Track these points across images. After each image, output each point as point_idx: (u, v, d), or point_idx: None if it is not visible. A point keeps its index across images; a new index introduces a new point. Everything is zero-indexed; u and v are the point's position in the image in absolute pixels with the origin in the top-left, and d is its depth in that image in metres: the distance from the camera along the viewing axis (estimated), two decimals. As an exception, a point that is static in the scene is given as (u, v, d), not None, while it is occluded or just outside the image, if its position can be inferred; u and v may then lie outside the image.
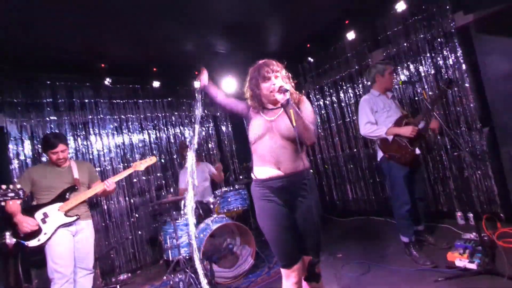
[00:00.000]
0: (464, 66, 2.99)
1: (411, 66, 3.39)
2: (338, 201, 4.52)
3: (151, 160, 2.77)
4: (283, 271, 1.51)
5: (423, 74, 3.30)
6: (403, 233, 2.56)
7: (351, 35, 3.74)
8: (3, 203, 2.01)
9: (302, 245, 1.54)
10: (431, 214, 3.08)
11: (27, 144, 3.31)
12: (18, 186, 2.03)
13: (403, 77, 3.46)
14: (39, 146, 2.45)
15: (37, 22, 2.63)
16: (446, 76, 3.09)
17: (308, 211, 1.51)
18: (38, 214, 2.28)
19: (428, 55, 3.24)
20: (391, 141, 2.51)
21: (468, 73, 2.99)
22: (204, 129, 4.87)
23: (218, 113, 5.08)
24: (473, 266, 2.10)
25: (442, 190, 3.32)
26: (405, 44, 3.39)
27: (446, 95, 3.00)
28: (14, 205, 2.24)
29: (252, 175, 1.61)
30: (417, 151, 2.58)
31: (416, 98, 3.38)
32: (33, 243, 2.22)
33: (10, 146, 3.20)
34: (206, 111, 4.94)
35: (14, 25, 2.62)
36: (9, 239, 2.52)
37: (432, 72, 3.22)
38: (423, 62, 3.28)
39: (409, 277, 2.24)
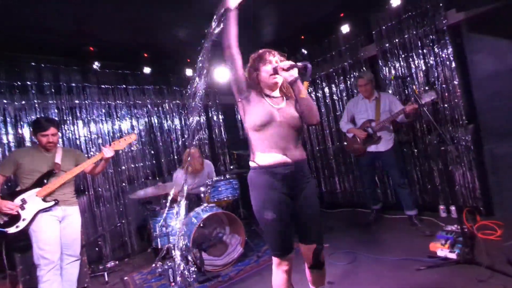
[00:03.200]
0: (453, 64, 3.06)
1: (403, 62, 3.44)
2: (326, 193, 4.61)
3: (130, 138, 2.67)
4: (275, 259, 1.52)
5: (414, 69, 3.35)
6: (368, 205, 3.52)
7: (345, 29, 3.75)
8: None
9: (306, 233, 1.55)
10: (418, 206, 3.19)
11: (10, 127, 3.19)
12: None
13: (394, 72, 3.51)
14: (30, 128, 2.37)
15: (22, 1, 2.50)
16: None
17: (310, 198, 1.54)
18: (17, 200, 2.24)
19: (420, 51, 3.29)
20: (351, 138, 3.33)
21: (457, 71, 3.06)
22: (195, 118, 4.81)
23: (210, 102, 5.03)
24: (453, 256, 2.20)
25: (427, 184, 3.43)
26: (397, 39, 3.43)
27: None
28: None
29: (253, 163, 1.54)
30: (372, 148, 3.16)
31: (407, 92, 3.45)
32: (12, 229, 2.19)
33: (-7, 129, 3.08)
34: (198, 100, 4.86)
35: (-3, 2, 2.48)
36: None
37: (423, 68, 3.28)
38: (414, 58, 3.34)
39: (393, 265, 2.32)
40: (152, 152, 4.27)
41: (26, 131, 3.25)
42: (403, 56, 3.43)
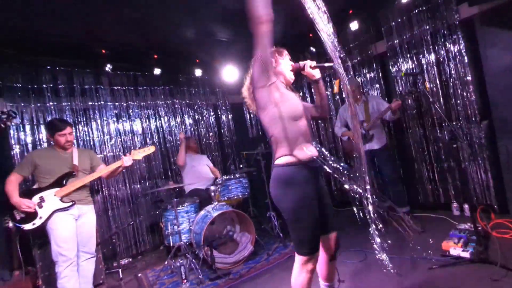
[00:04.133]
0: (466, 59, 3.00)
1: (414, 58, 3.39)
2: (336, 191, 4.59)
3: (149, 150, 2.78)
4: (302, 258, 1.45)
5: (425, 66, 3.30)
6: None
7: (354, 26, 3.71)
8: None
9: (328, 222, 1.56)
10: (429, 205, 3.16)
11: (28, 129, 3.31)
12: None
13: (405, 69, 3.46)
14: (46, 130, 2.46)
15: (37, 6, 2.58)
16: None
17: (324, 189, 1.60)
18: (35, 198, 2.32)
19: (431, 47, 3.23)
20: (346, 140, 3.50)
21: (470, 66, 2.99)
22: (204, 118, 4.86)
23: (219, 102, 5.07)
24: (466, 254, 2.17)
25: (440, 182, 3.38)
26: (408, 35, 3.38)
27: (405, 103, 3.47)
28: (10, 187, 2.28)
29: (289, 157, 1.43)
30: (367, 147, 3.29)
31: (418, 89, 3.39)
32: (28, 226, 2.27)
33: (11, 131, 3.19)
34: (206, 100, 4.92)
35: (15, 9, 2.57)
36: (12, 224, 2.56)
37: (434, 64, 3.23)
38: (425, 54, 3.28)
39: (404, 264, 2.31)
40: (163, 151, 4.34)
41: (42, 133, 3.37)
42: (413, 52, 3.37)
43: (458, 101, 3.10)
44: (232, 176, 3.44)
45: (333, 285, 1.70)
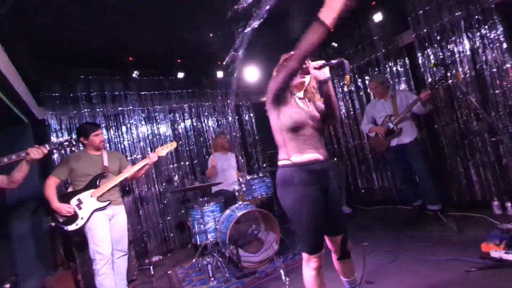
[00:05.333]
0: (505, 45, 2.76)
1: (444, 47, 3.18)
2: (363, 189, 4.44)
3: (171, 146, 2.89)
4: (306, 256, 1.55)
5: (457, 55, 3.09)
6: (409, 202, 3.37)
7: (378, 17, 3.57)
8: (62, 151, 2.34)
9: (334, 225, 1.61)
10: (464, 203, 2.96)
11: (66, 135, 3.56)
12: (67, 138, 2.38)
13: (434, 59, 3.27)
14: (80, 134, 2.65)
15: (70, 22, 2.78)
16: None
17: (335, 192, 1.61)
18: (73, 201, 2.46)
19: (463, 34, 3.02)
20: (374, 136, 3.37)
21: (509, 53, 2.76)
22: (227, 119, 4.94)
23: (241, 102, 5.12)
24: (509, 257, 2.00)
25: (477, 178, 3.15)
26: (437, 23, 3.18)
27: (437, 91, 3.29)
28: (49, 193, 2.44)
29: (287, 160, 1.54)
30: (395, 141, 3.16)
31: (449, 81, 3.19)
32: (71, 227, 2.42)
33: (52, 137, 3.46)
34: (229, 101, 4.99)
35: (51, 25, 2.78)
36: (54, 224, 2.78)
37: (468, 53, 3.01)
38: (457, 42, 3.07)
39: (438, 266, 2.18)
40: (189, 152, 4.47)
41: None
42: (444, 41, 3.17)
43: (497, 91, 2.87)
44: (255, 176, 3.45)
45: (354, 280, 1.73)
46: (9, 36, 2.37)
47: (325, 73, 1.55)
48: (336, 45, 4.29)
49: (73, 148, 2.62)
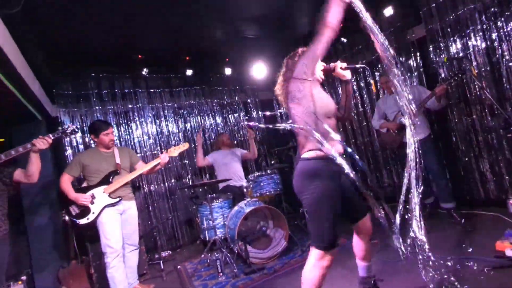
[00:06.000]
0: (523, 38, 2.67)
1: (458, 41, 3.09)
2: (373, 187, 4.38)
3: (184, 146, 2.94)
4: (318, 253, 1.47)
5: (471, 49, 3.00)
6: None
7: (388, 11, 3.49)
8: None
9: (360, 209, 1.66)
10: (478, 201, 2.88)
11: (79, 132, 3.64)
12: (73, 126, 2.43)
13: (447, 54, 3.18)
14: (91, 132, 2.72)
15: (81, 22, 2.84)
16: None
17: (347, 182, 1.61)
18: (87, 195, 2.54)
19: (478, 27, 2.92)
20: (386, 132, 3.30)
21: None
22: (234, 116, 4.94)
23: (249, 99, 5.11)
24: (525, 256, 1.94)
25: (491, 176, 3.06)
26: (451, 17, 3.09)
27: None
28: (65, 186, 2.53)
29: (313, 152, 1.49)
30: (406, 138, 2.86)
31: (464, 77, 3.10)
32: (83, 221, 2.50)
33: (64, 134, 3.54)
34: (237, 98, 5.00)
35: (62, 26, 2.84)
36: (68, 218, 2.86)
37: (483, 46, 2.92)
38: (471, 35, 2.98)
39: (452, 265, 2.13)
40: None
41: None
42: (457, 35, 3.08)
43: (513, 85, 2.77)
44: (263, 173, 3.45)
45: (370, 266, 1.79)
46: (24, 37, 2.43)
47: (349, 74, 1.64)
48: (345, 40, 4.22)
49: (77, 136, 2.69)
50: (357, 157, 1.53)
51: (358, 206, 1.65)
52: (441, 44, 3.21)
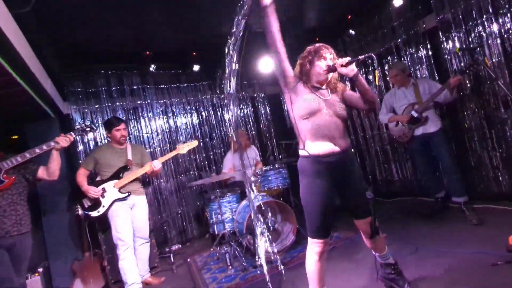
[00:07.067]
0: (539, 26, 2.57)
1: (471, 31, 3.00)
2: (381, 181, 4.35)
3: (192, 144, 3.01)
4: (312, 240, 1.66)
5: (484, 39, 2.91)
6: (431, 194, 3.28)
7: (398, 2, 3.42)
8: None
9: (361, 210, 1.69)
10: (490, 195, 2.82)
11: (97, 130, 3.71)
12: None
13: (459, 44, 3.10)
14: (104, 128, 2.84)
15: (89, 20, 2.87)
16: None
17: (358, 181, 1.68)
18: (99, 188, 2.64)
19: (492, 16, 2.83)
20: (395, 126, 3.20)
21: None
22: (242, 110, 4.95)
23: (256, 94, 5.10)
24: (539, 250, 1.91)
25: (504, 170, 2.99)
26: (463, 6, 3.00)
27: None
28: (80, 178, 2.62)
29: (303, 151, 1.63)
30: (420, 131, 3.01)
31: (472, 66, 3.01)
32: (94, 214, 2.61)
33: (76, 131, 3.62)
34: (244, 92, 4.99)
35: (72, 24, 2.88)
36: (81, 211, 2.95)
37: (497, 35, 2.83)
38: (485, 24, 2.89)
39: (463, 259, 2.11)
40: (205, 145, 4.54)
41: (100, 131, 3.76)
42: (470, 24, 2.99)
43: (529, 76, 2.69)
44: (271, 167, 3.46)
45: (385, 254, 1.85)
46: (36, 35, 2.48)
47: (353, 69, 1.55)
48: (353, 32, 4.16)
49: (95, 134, 2.80)
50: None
51: (360, 206, 1.69)
52: (453, 34, 3.13)
